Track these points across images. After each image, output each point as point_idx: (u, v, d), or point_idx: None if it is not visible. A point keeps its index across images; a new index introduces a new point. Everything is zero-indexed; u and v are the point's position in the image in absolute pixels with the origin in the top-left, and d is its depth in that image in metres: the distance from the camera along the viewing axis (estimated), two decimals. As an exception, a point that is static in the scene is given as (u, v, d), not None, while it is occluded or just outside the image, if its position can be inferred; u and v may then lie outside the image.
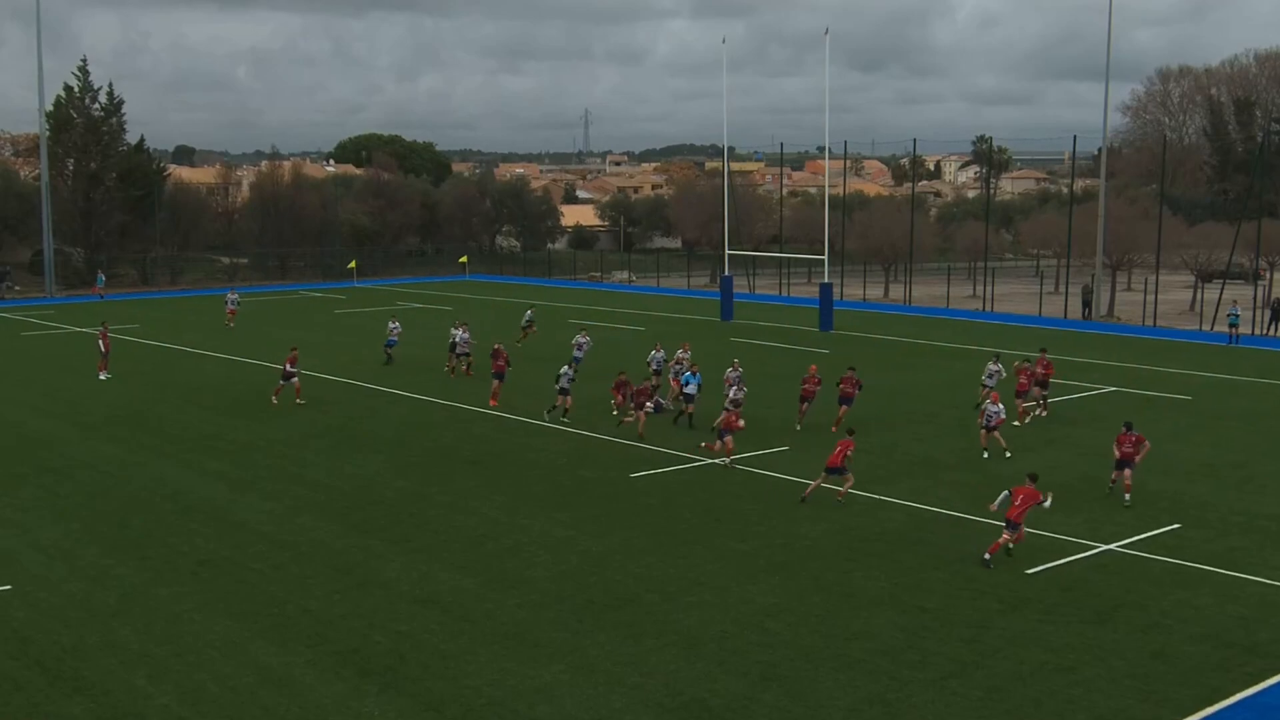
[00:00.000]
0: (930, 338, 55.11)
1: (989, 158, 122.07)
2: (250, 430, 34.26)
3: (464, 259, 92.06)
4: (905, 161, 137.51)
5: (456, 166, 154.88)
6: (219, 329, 57.87)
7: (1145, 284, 64.22)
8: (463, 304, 69.49)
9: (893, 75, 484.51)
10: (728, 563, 22.36)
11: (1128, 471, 26.19)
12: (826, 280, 60.89)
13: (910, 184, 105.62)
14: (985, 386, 34.54)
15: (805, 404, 33.97)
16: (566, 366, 35.94)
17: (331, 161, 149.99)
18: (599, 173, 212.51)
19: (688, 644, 18.43)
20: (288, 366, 38.16)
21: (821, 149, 71.52)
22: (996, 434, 30.88)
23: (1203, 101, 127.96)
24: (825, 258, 61.44)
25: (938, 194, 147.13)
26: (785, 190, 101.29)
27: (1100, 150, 70.81)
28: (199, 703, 16.41)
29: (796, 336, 53.04)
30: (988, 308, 69.31)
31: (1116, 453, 26.56)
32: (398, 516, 25.43)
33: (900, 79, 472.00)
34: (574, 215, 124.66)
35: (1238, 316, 55.05)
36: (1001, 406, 31.18)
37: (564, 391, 34.90)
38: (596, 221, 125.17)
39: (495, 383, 37.63)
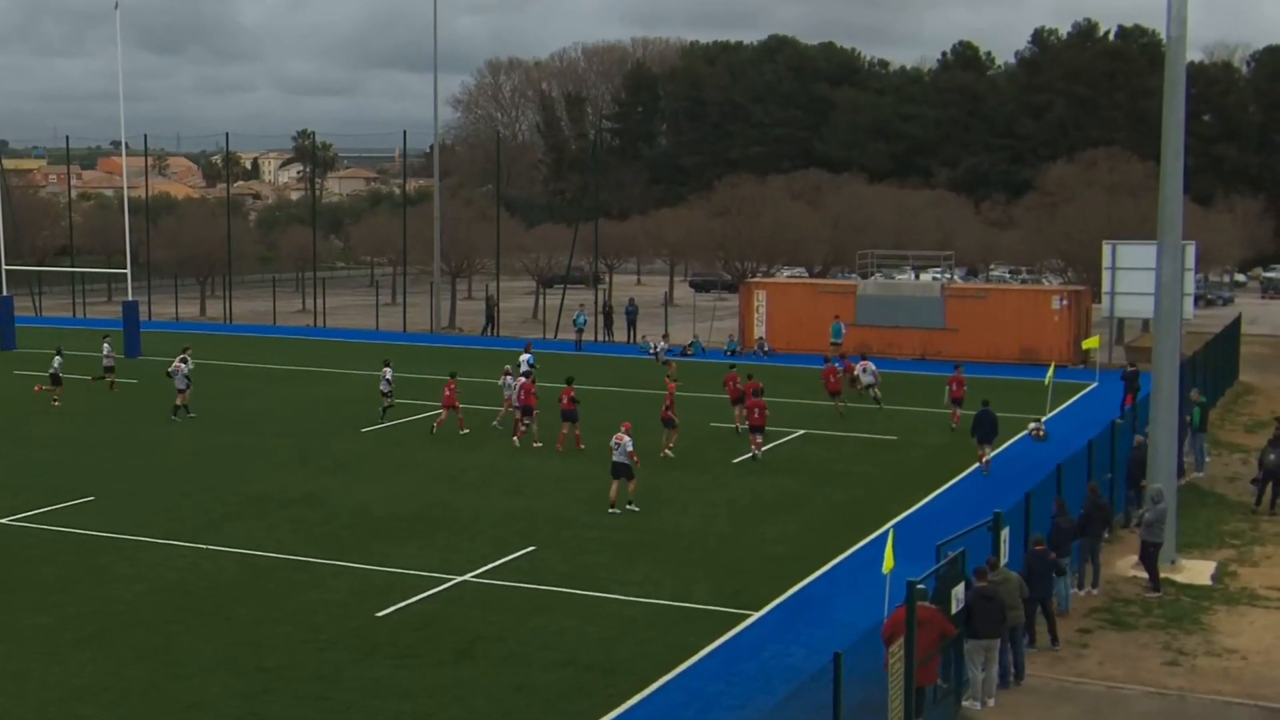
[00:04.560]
0: (257, 359, 54.81)
1: (313, 154, 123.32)
2: None
3: None
4: (217, 159, 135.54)
5: None
6: None
7: (486, 291, 67.79)
8: None
9: (195, 59, 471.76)
10: (25, 641, 20.98)
11: (759, 438, 34.80)
12: (130, 298, 59.10)
13: (225, 184, 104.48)
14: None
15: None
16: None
17: None
18: None
19: (-23, 747, 17.11)
20: None
21: (117, 144, 69.34)
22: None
23: (534, 96, 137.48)
24: (128, 271, 59.73)
25: (257, 196, 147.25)
26: (74, 193, 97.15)
27: (432, 146, 74.07)
28: None
29: (99, 366, 50.36)
30: (320, 323, 70.07)
31: (750, 420, 35.00)
32: None
33: (203, 63, 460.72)
34: None
35: (584, 320, 59.75)
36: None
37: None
38: None
39: None
